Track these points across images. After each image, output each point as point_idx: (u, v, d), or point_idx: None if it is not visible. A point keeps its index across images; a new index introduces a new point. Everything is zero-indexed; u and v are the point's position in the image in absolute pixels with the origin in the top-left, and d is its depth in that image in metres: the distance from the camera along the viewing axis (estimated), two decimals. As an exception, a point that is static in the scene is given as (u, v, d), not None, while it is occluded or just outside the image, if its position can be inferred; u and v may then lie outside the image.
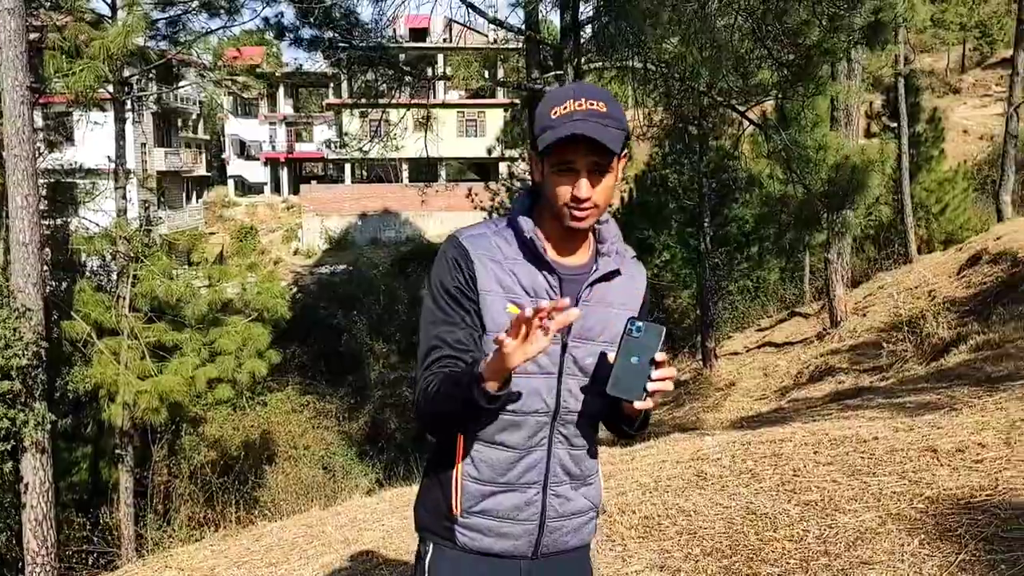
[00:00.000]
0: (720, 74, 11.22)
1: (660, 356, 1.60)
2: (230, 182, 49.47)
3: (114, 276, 13.49)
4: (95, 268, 15.18)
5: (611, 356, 1.64)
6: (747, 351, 17.09)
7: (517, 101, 23.88)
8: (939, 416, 4.96)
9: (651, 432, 10.51)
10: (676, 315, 22.11)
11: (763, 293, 22.41)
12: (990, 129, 37.60)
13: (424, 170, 40.77)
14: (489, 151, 24.13)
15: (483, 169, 40.68)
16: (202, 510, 12.95)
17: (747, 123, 14.01)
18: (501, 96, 38.79)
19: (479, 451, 1.71)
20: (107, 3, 12.17)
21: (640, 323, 1.63)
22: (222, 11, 12.94)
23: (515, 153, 21.49)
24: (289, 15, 11.86)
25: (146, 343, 12.03)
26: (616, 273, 1.77)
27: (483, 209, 22.46)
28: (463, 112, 43.36)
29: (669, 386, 1.61)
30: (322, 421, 19.76)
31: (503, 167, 25.36)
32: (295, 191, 47.17)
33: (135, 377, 11.66)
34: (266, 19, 12.09)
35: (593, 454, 1.81)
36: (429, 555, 1.78)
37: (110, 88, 12.53)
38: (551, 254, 1.72)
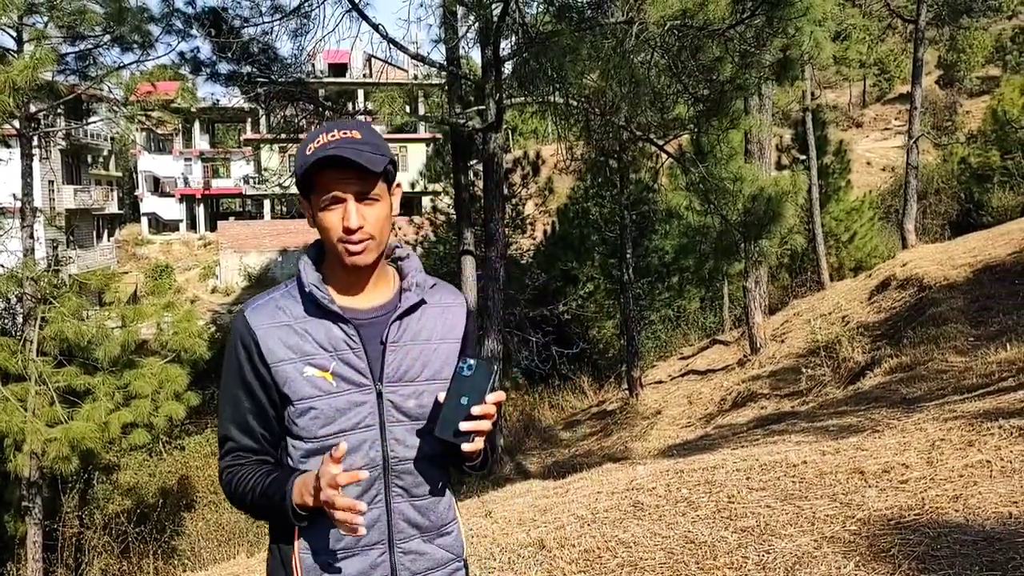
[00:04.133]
0: (639, 109, 11.54)
1: (491, 396, 1.54)
2: (144, 219, 48.11)
3: (20, 319, 12.87)
4: (-1, 311, 14.48)
5: (442, 396, 1.57)
6: (671, 379, 17.33)
7: (439, 136, 23.95)
8: (862, 438, 5.10)
9: (583, 463, 10.53)
10: (600, 345, 22.34)
11: (684, 322, 22.88)
12: (891, 161, 39.50)
13: (346, 205, 40.43)
14: (412, 185, 24.18)
15: (407, 203, 40.63)
16: (117, 562, 12.37)
17: (665, 156, 14.38)
18: (423, 131, 38.93)
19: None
20: (13, 37, 11.73)
21: (472, 361, 1.56)
22: (135, 45, 12.63)
23: (438, 187, 21.52)
24: (206, 50, 11.71)
25: (55, 388, 11.49)
26: (420, 305, 1.67)
27: (408, 243, 22.35)
28: (384, 147, 43.28)
29: (485, 425, 1.54)
30: (244, 464, 19.15)
31: (426, 201, 25.37)
32: (212, 228, 46.14)
33: (44, 424, 11.10)
34: (182, 54, 11.87)
35: (446, 502, 1.71)
36: None
37: (16, 123, 12.06)
38: (341, 302, 1.63)
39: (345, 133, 1.57)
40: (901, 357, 9.15)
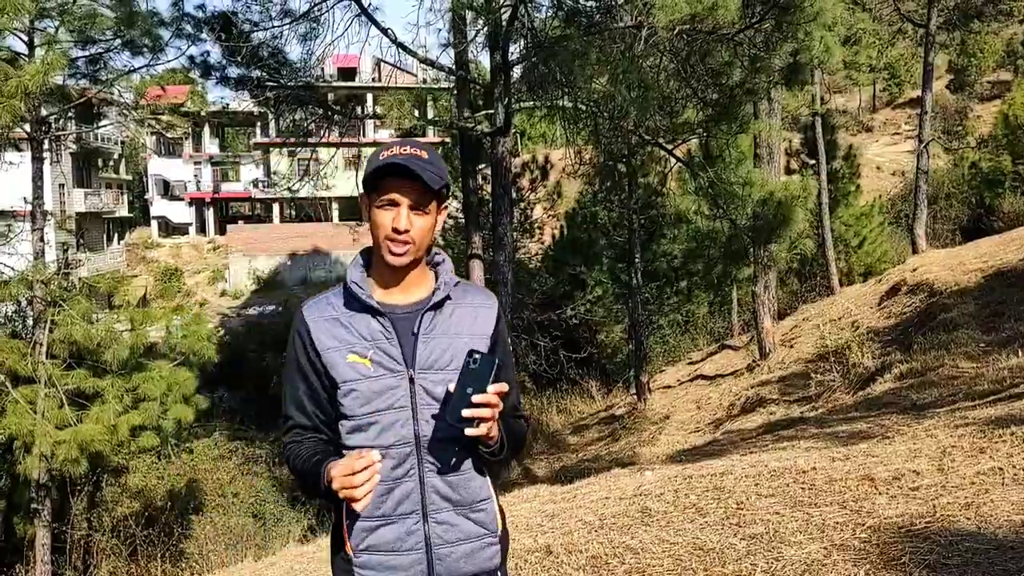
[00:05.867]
0: (647, 113, 11.51)
1: (492, 387, 1.72)
2: (153, 223, 48.23)
3: (30, 322, 12.91)
4: (9, 314, 14.53)
5: (452, 387, 1.75)
6: (680, 384, 17.29)
7: (448, 140, 23.96)
8: (873, 444, 5.06)
9: (591, 468, 10.50)
10: (609, 350, 22.29)
11: (693, 327, 22.80)
12: (901, 165, 39.32)
13: (355, 208, 40.50)
14: (420, 189, 24.12)
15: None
16: (125, 565, 12.38)
17: (674, 160, 14.34)
18: (432, 135, 38.89)
19: None
20: (24, 41, 11.79)
21: (477, 355, 1.74)
22: (145, 49, 12.67)
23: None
24: (216, 54, 11.72)
25: (65, 391, 11.51)
26: (445, 301, 1.88)
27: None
28: (393, 151, 43.28)
29: (485, 412, 1.71)
30: (251, 467, 19.16)
31: (434, 205, 25.35)
32: (221, 231, 46.24)
33: (53, 427, 11.12)
34: (191, 58, 11.90)
35: (478, 481, 1.88)
36: None
37: (27, 127, 12.12)
38: (380, 297, 1.87)
39: (416, 151, 1.82)
40: (911, 363, 9.09)
